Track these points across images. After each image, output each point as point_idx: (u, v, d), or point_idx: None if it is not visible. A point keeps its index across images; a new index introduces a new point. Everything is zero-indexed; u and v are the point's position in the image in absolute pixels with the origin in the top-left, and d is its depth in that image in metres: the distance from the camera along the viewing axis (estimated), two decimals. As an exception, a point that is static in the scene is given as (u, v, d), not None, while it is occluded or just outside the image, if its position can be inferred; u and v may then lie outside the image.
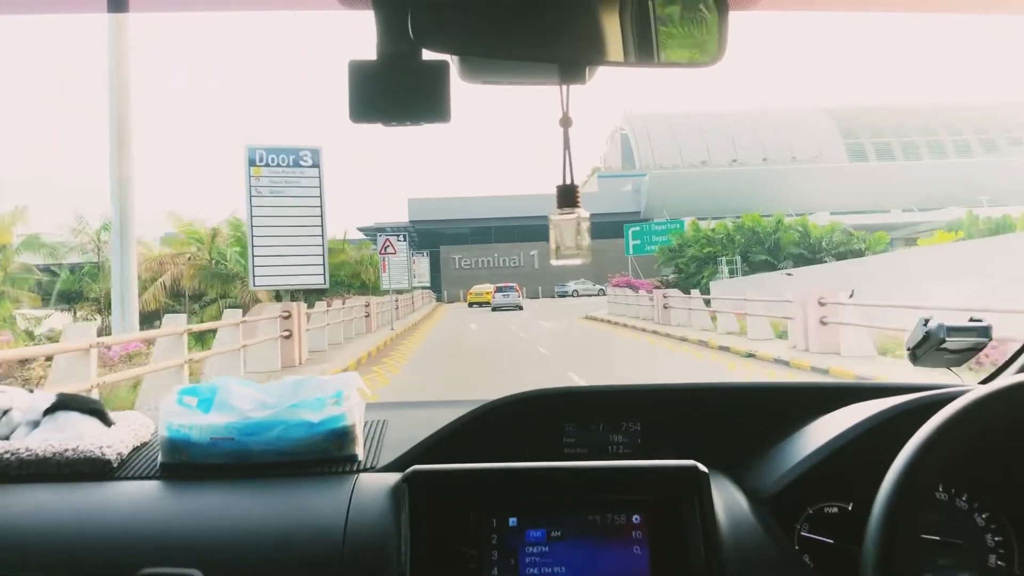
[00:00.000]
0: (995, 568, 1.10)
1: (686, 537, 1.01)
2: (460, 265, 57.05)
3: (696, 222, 33.47)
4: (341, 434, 1.17)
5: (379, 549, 0.99)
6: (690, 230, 33.43)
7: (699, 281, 29.23)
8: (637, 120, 59.46)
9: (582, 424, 1.27)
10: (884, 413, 1.10)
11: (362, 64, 0.99)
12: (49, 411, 1.21)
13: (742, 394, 1.36)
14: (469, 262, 57.02)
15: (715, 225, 32.03)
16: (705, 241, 31.53)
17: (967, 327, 1.23)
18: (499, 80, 1.03)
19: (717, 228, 31.68)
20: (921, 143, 52.59)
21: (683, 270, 31.79)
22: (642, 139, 57.93)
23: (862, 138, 54.10)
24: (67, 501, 1.09)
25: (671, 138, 56.56)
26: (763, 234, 30.23)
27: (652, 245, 35.03)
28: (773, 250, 29.73)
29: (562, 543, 1.01)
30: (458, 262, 57.15)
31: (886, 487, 0.82)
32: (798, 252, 29.16)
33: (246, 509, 1.06)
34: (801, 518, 1.10)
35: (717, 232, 31.46)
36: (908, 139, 53.14)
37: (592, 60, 0.96)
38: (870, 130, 54.50)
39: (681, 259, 32.33)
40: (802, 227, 30.38)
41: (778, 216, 30.80)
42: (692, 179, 51.51)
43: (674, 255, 33.04)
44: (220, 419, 1.15)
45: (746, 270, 29.21)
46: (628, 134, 59.87)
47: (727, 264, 30.10)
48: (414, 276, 43.85)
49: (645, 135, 58.01)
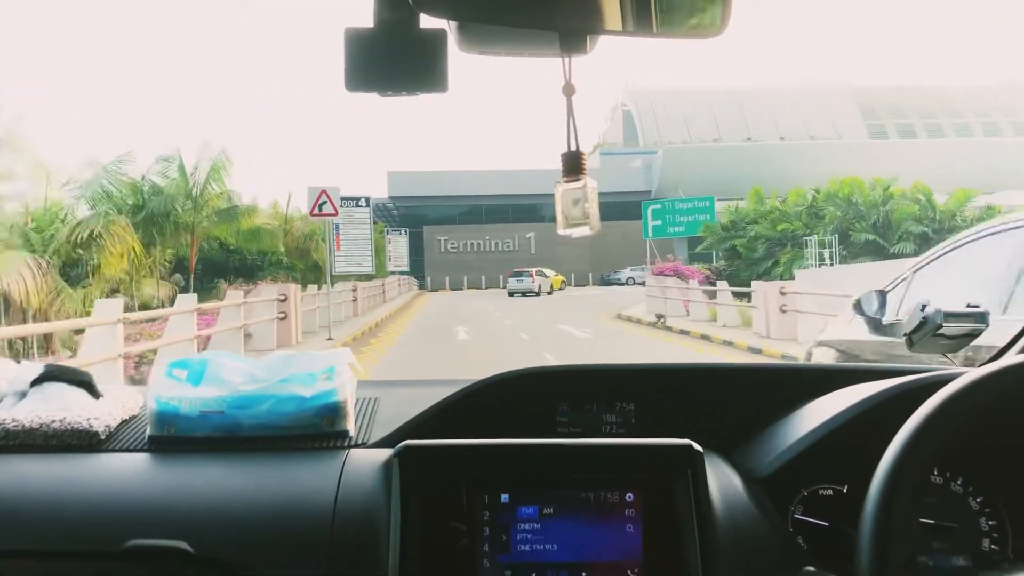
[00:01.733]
0: (989, 552, 1.18)
1: (679, 516, 1.07)
2: (446, 248, 54.99)
3: (759, 190, 28.29)
4: (332, 409, 1.24)
5: (369, 524, 1.06)
6: (750, 202, 28.42)
7: (770, 269, 24.38)
8: (642, 96, 59.04)
9: (576, 403, 1.34)
10: (880, 395, 1.17)
11: (358, 31, 1.04)
12: (36, 382, 1.28)
13: (738, 375, 1.43)
14: (456, 245, 55.05)
15: (787, 195, 26.69)
16: (778, 216, 25.98)
17: (964, 313, 1.31)
18: (498, 50, 1.07)
19: (792, 199, 26.44)
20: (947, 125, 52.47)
21: (745, 254, 26.45)
22: (647, 115, 57.57)
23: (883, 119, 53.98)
24: (53, 472, 1.15)
25: (679, 114, 56.02)
26: (865, 206, 24.34)
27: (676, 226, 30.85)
28: (882, 227, 23.94)
29: (554, 520, 1.07)
30: (444, 244, 55.04)
31: (882, 470, 0.85)
32: (920, 231, 23.09)
33: (235, 483, 1.13)
34: (796, 500, 1.18)
35: (794, 202, 26.22)
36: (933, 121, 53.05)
37: (594, 29, 1.00)
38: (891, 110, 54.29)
39: (738, 239, 26.93)
40: (924, 196, 24.11)
41: (880, 182, 25.02)
42: (712, 154, 49.29)
43: (728, 235, 27.92)
44: (210, 392, 1.22)
45: (844, 255, 23.56)
46: (631, 110, 59.53)
47: (820, 246, 24.11)
48: (389, 259, 41.75)
49: (650, 111, 57.64)
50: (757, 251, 26.10)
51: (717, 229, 28.91)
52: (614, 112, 65.02)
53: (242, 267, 31.86)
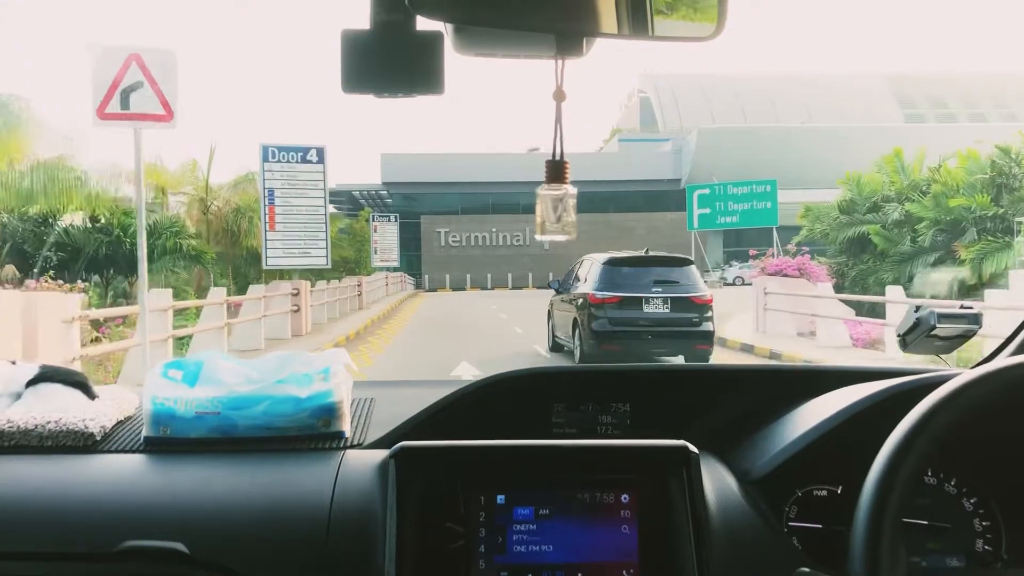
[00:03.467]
0: (982, 552, 1.27)
1: (675, 517, 1.16)
2: (447, 241, 51.41)
3: (900, 154, 21.23)
4: (328, 410, 1.33)
5: (365, 525, 1.14)
6: (889, 164, 21.36)
7: (935, 265, 17.93)
8: (662, 81, 58.93)
9: (571, 404, 1.43)
10: (874, 396, 1.26)
11: (355, 33, 1.12)
12: (32, 383, 1.37)
13: (732, 376, 1.53)
14: (459, 238, 51.46)
15: (954, 161, 19.40)
16: (944, 189, 18.44)
17: (957, 314, 1.40)
18: (494, 52, 1.15)
19: (962, 163, 19.16)
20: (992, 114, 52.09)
21: (884, 246, 19.42)
22: (667, 101, 57.62)
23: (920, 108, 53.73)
24: (48, 473, 1.23)
25: (702, 100, 55.91)
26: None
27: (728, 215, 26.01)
28: None
29: (550, 521, 1.16)
30: (444, 237, 51.38)
31: (876, 471, 0.93)
32: None
33: (231, 484, 1.21)
34: (790, 500, 1.27)
35: (965, 169, 18.91)
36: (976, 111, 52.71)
37: (590, 31, 1.08)
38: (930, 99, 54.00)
39: (870, 225, 19.87)
40: None
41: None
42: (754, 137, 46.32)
43: (848, 220, 20.84)
44: (206, 393, 1.31)
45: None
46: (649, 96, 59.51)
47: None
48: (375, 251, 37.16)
49: (671, 97, 57.69)
50: (903, 242, 18.91)
51: (828, 212, 21.93)
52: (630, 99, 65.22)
53: (112, 257, 21.31)
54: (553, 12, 1.04)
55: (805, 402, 1.37)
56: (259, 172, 18.68)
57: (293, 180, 18.38)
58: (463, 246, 51.04)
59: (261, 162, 18.34)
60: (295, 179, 18.44)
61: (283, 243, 18.33)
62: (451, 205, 52.12)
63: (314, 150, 18.68)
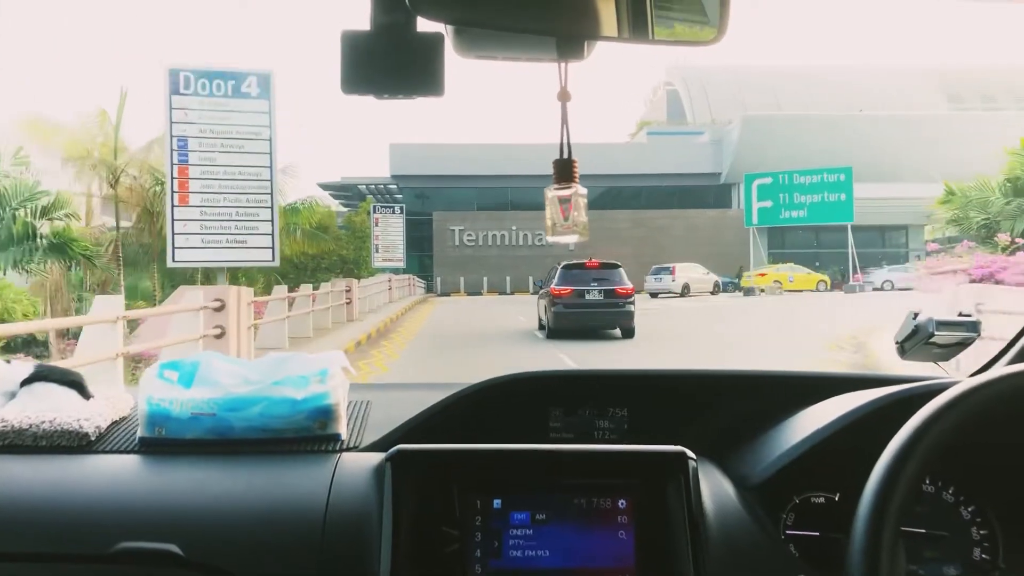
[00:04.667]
0: (980, 561, 1.32)
1: (672, 523, 1.20)
2: (462, 240, 48.42)
3: None
4: (324, 412, 1.39)
5: (361, 529, 1.19)
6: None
7: None
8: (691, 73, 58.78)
9: (568, 408, 1.48)
10: (872, 403, 1.30)
11: (355, 34, 1.17)
12: (26, 382, 1.43)
13: (730, 381, 1.57)
14: (475, 236, 48.40)
15: None
16: None
17: (956, 322, 1.45)
18: (495, 54, 1.20)
19: None
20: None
21: None
22: (697, 93, 57.53)
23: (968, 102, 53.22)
24: (42, 473, 1.28)
25: (736, 92, 55.57)
26: None
27: (795, 209, 23.54)
28: None
29: (546, 526, 1.20)
30: (459, 236, 48.33)
31: (874, 479, 0.97)
32: None
33: (226, 485, 1.26)
34: (788, 507, 1.31)
35: None
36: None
37: (591, 34, 1.13)
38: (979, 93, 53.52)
39: None
40: None
41: None
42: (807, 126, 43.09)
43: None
44: (202, 394, 1.37)
45: None
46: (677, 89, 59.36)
47: None
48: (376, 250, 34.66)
49: (701, 89, 57.61)
50: None
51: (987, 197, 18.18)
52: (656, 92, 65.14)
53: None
54: (554, 14, 1.09)
55: (803, 409, 1.42)
56: (165, 112, 12.98)
57: (221, 125, 12.86)
58: (479, 246, 48.56)
59: (168, 96, 12.82)
60: (225, 123, 12.91)
61: (201, 226, 13.17)
62: (466, 200, 49.83)
63: (253, 77, 12.91)
